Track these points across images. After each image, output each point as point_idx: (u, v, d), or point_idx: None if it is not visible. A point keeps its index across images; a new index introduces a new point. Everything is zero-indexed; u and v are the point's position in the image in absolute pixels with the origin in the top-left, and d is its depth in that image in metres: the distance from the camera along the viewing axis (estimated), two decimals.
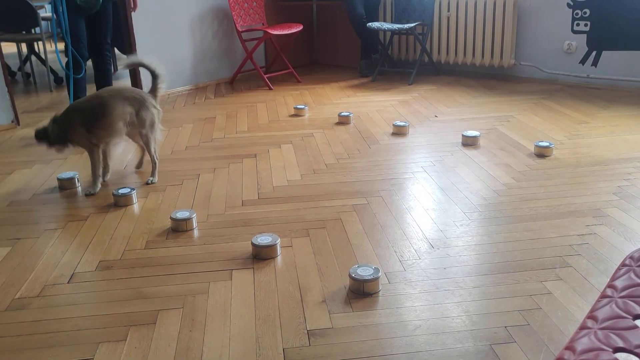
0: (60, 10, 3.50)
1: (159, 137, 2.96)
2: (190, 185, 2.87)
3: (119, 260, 2.15)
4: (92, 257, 2.17)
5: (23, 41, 5.81)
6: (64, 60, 3.79)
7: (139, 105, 2.82)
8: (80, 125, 2.73)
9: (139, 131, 2.87)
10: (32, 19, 5.36)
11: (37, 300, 1.90)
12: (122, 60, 3.13)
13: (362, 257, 2.11)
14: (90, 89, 3.92)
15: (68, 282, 2.00)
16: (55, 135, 2.74)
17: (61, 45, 4.78)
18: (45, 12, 6.91)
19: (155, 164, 2.94)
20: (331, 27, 6.13)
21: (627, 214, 2.36)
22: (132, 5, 3.87)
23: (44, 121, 2.81)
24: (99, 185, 2.84)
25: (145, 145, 2.94)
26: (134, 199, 2.68)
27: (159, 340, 1.67)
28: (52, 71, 5.70)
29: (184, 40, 5.09)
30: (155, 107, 2.90)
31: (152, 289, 1.94)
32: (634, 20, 4.36)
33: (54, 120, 2.75)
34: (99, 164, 2.84)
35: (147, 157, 3.02)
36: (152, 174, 2.94)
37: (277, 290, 1.91)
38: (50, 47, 7.56)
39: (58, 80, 5.72)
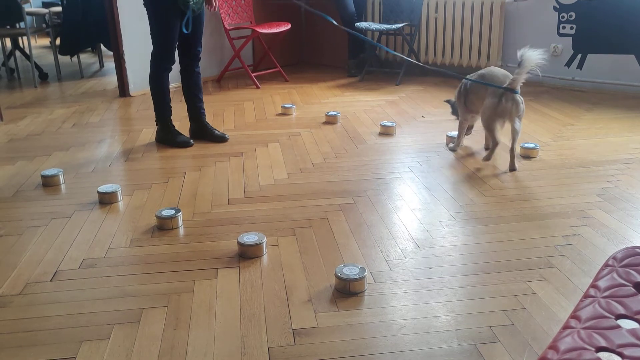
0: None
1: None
2: (176, 183, 2.86)
3: (103, 258, 2.13)
4: (75, 255, 2.15)
5: (7, 36, 5.74)
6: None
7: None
8: None
9: None
10: (17, 13, 5.29)
11: (19, 298, 1.87)
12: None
13: (348, 257, 2.11)
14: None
15: (51, 280, 1.98)
16: None
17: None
18: (30, 7, 6.82)
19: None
20: (319, 27, 6.13)
21: (610, 216, 2.39)
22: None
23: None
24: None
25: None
26: (119, 197, 2.66)
27: (143, 338, 1.66)
28: (37, 66, 5.63)
29: None
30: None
31: (137, 287, 1.92)
32: (619, 24, 4.41)
33: None
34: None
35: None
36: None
37: (263, 289, 1.91)
38: (34, 42, 7.46)
39: (43, 76, 5.65)
